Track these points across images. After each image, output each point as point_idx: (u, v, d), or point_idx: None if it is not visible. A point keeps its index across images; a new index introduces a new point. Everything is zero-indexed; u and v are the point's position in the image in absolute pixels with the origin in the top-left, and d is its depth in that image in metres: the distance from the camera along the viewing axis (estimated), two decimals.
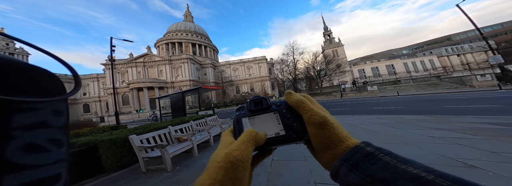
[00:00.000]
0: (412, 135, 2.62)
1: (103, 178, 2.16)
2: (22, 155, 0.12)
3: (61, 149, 0.15)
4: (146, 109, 31.25)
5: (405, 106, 7.11)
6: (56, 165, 0.14)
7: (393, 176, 0.13)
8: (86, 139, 2.51)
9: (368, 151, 0.15)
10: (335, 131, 0.17)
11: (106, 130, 5.50)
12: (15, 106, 0.12)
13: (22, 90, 0.13)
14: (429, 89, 17.37)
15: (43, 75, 0.14)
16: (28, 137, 0.13)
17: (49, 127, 0.14)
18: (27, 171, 0.12)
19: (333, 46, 47.20)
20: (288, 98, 0.22)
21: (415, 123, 3.45)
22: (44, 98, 0.14)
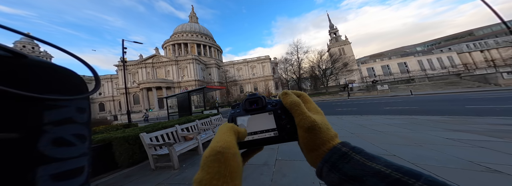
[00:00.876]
0: (427, 137, 2.46)
1: (116, 173, 2.29)
2: (52, 148, 0.13)
3: (84, 144, 0.16)
4: (155, 108, 32.65)
5: (419, 106, 6.68)
6: (80, 158, 0.15)
7: (361, 172, 0.14)
8: (102, 136, 2.68)
9: (343, 151, 0.17)
10: (321, 135, 0.18)
11: (119, 128, 5.84)
12: (45, 103, 0.13)
13: (51, 89, 0.14)
14: (448, 88, 16.13)
15: (68, 75, 0.16)
16: (57, 131, 0.14)
17: (75, 123, 0.15)
18: (56, 163, 0.14)
19: (339, 44, 45.39)
20: (283, 98, 0.22)
21: (431, 124, 3.23)
22: (70, 96, 0.15)
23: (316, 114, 0.21)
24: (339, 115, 5.84)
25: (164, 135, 2.73)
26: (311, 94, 25.35)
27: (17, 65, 0.13)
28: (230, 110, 0.24)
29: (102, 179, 2.11)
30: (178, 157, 2.29)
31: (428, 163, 1.65)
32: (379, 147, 2.25)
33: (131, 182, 2.01)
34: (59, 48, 0.17)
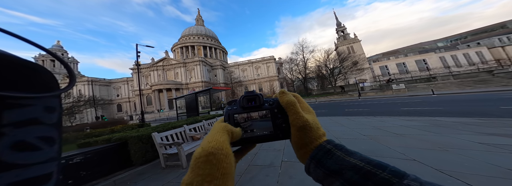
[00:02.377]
0: (454, 141, 2.21)
1: (131, 170, 2.43)
2: (11, 153, 0.12)
3: (52, 147, 0.15)
4: (166, 108, 34.38)
5: (443, 107, 6.02)
6: (47, 164, 0.14)
7: (340, 167, 0.16)
8: (119, 135, 2.89)
9: (327, 148, 0.18)
10: (311, 134, 0.19)
11: (134, 127, 6.26)
12: (5, 101, 0.12)
13: (12, 85, 0.12)
14: (477, 86, 14.37)
15: (35, 70, 0.14)
16: (18, 134, 0.13)
17: (41, 124, 0.14)
18: (16, 170, 0.12)
19: (348, 42, 43.30)
20: (280, 97, 0.22)
21: (459, 126, 2.88)
22: (36, 93, 0.13)
23: (308, 113, 0.22)
24: (349, 116, 5.53)
25: (173, 135, 2.85)
26: (318, 94, 24.58)
27: None
28: (227, 106, 0.24)
29: (119, 176, 2.25)
30: (186, 156, 2.36)
31: (455, 169, 1.47)
32: (395, 150, 2.07)
33: (144, 180, 2.12)
34: (25, 39, 0.14)
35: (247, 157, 2.40)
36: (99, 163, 2.32)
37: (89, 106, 21.49)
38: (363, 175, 0.15)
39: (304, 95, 26.31)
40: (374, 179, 0.14)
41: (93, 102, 22.78)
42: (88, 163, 2.20)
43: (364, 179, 0.14)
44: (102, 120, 21.41)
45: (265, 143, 1.19)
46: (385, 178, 0.14)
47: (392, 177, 0.14)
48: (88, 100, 20.38)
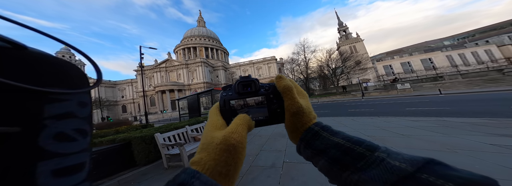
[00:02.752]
0: (463, 142, 2.13)
1: (135, 171, 2.46)
2: (53, 143, 0.13)
3: (85, 139, 0.16)
4: (168, 109, 34.81)
5: (451, 107, 5.83)
6: (81, 154, 0.15)
7: (325, 146, 0.18)
8: (123, 135, 2.95)
9: (315, 130, 0.19)
10: (303, 118, 0.20)
11: (138, 128, 6.36)
12: (47, 96, 0.13)
13: (51, 82, 0.14)
14: (487, 86, 13.84)
15: (69, 69, 0.15)
16: (58, 126, 0.14)
17: (76, 118, 0.15)
18: (57, 159, 0.13)
19: (350, 42, 42.79)
20: (278, 82, 0.23)
21: (468, 127, 2.78)
22: (72, 89, 0.15)
23: (302, 97, 0.23)
24: (352, 116, 5.43)
25: (175, 136, 2.87)
26: (320, 94, 24.32)
27: (16, 57, 0.12)
28: (222, 92, 0.24)
29: (123, 176, 2.29)
30: (188, 157, 2.36)
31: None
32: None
33: (147, 180, 2.14)
34: (50, 36, 0.15)
35: (249, 158, 2.38)
36: (104, 163, 2.36)
37: (95, 107, 22.01)
38: (343, 151, 0.16)
39: None
40: (352, 154, 0.16)
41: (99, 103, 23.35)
42: (94, 163, 2.25)
43: (344, 154, 0.16)
44: (107, 121, 21.90)
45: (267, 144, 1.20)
46: (361, 152, 0.16)
47: (366, 150, 0.16)
48: (95, 101, 20.93)
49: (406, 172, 0.13)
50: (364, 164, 0.15)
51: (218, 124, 0.20)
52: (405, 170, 0.13)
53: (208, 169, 0.15)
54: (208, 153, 0.16)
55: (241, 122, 0.19)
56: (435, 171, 0.12)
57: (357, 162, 0.15)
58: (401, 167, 0.13)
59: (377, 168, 0.14)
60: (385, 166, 0.14)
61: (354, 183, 0.15)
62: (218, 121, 0.20)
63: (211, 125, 0.20)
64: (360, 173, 0.15)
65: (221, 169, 0.15)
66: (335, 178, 0.16)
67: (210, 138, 0.18)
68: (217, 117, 0.21)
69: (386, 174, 0.13)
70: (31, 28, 0.14)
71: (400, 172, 0.13)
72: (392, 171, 0.13)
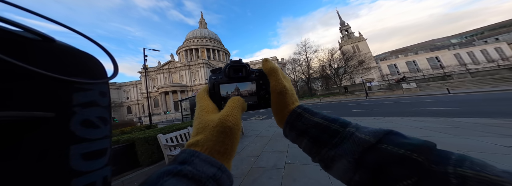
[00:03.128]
0: (475, 143, 2.04)
1: (138, 171, 2.50)
2: (81, 129, 0.14)
3: (107, 126, 0.17)
4: (172, 110, 35.30)
5: (460, 107, 5.62)
6: (104, 140, 0.16)
7: (306, 126, 0.19)
8: (127, 136, 2.99)
9: (298, 112, 0.20)
10: (287, 99, 0.22)
11: (142, 129, 6.45)
12: (74, 85, 0.14)
13: (77, 72, 0.15)
14: (499, 85, 13.26)
15: (90, 61, 0.16)
16: (84, 113, 0.15)
17: (98, 106, 0.16)
18: (85, 143, 0.14)
19: (352, 41, 42.22)
20: (264, 64, 0.24)
21: (480, 128, 2.66)
22: (95, 80, 0.16)
23: (286, 81, 0.24)
24: (356, 117, 5.32)
25: (177, 136, 2.89)
26: (322, 94, 23.99)
27: (46, 49, 0.13)
28: (211, 75, 0.23)
29: (127, 176, 2.32)
30: None
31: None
32: None
33: None
34: (70, 28, 0.16)
35: (250, 159, 2.36)
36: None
37: None
38: (321, 129, 0.18)
39: (308, 95, 25.80)
40: (328, 131, 0.17)
41: None
42: None
43: (322, 132, 0.18)
44: (113, 122, 22.37)
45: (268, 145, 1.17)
46: (336, 128, 0.17)
47: (340, 127, 0.17)
48: None
49: (369, 143, 0.14)
50: (338, 140, 0.16)
51: (210, 108, 0.20)
52: (369, 142, 0.14)
53: (206, 148, 0.16)
54: (205, 135, 0.17)
55: (236, 105, 0.20)
56: (392, 140, 0.14)
57: (332, 138, 0.17)
58: (366, 139, 0.15)
59: (347, 142, 0.15)
60: (353, 139, 0.15)
61: (330, 158, 0.16)
62: (209, 105, 0.21)
63: (202, 110, 0.20)
64: (335, 148, 0.16)
65: (219, 148, 0.16)
66: (315, 156, 0.18)
67: (204, 121, 0.18)
68: (207, 101, 0.21)
69: (354, 146, 0.15)
70: (56, 21, 0.15)
71: (364, 143, 0.14)
72: (358, 143, 0.15)
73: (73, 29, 0.16)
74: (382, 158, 0.13)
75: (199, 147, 0.16)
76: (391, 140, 0.14)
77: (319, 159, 0.17)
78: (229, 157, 0.17)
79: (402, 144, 0.13)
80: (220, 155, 0.16)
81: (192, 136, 0.18)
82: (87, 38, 0.17)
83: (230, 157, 0.17)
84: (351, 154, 0.14)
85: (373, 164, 0.13)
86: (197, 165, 0.14)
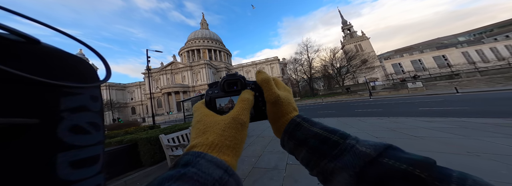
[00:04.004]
0: (486, 144, 1.95)
1: (141, 171, 2.52)
2: (70, 135, 0.13)
3: (99, 132, 0.16)
4: (174, 111, 35.77)
5: (470, 106, 5.41)
6: (96, 146, 0.16)
7: (306, 136, 0.19)
8: (130, 136, 3.04)
9: (298, 121, 0.21)
10: (282, 108, 0.22)
11: (146, 129, 6.56)
12: (62, 90, 0.13)
13: (65, 76, 0.14)
14: (510, 83, 12.72)
15: (80, 63, 0.16)
16: (74, 119, 0.14)
17: (89, 111, 0.15)
18: (74, 150, 0.14)
19: (355, 40, 41.57)
20: (257, 75, 0.24)
21: (491, 128, 2.54)
22: (84, 84, 0.15)
23: (284, 91, 0.24)
24: (359, 117, 5.20)
25: (179, 137, 2.91)
26: (324, 94, 23.71)
27: (30, 51, 0.12)
28: (208, 89, 0.24)
29: (129, 176, 2.35)
30: None
31: (491, 177, 1.28)
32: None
33: None
34: (58, 30, 0.16)
35: (251, 160, 2.35)
36: (112, 163, 2.44)
37: (107, 109, 23.19)
38: (321, 140, 0.18)
39: (310, 95, 25.56)
40: (328, 143, 0.17)
41: (110, 105, 24.56)
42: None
43: (322, 143, 0.17)
44: (118, 122, 22.87)
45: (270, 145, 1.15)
46: (335, 140, 0.17)
47: (340, 139, 0.17)
48: (107, 103, 22.04)
49: (370, 156, 0.14)
50: (338, 152, 0.16)
51: (211, 113, 0.21)
52: (370, 155, 0.14)
53: (216, 144, 0.16)
54: (214, 132, 0.17)
55: (246, 106, 0.20)
56: (393, 155, 0.14)
57: (332, 150, 0.16)
58: (367, 152, 0.15)
59: (348, 155, 0.15)
60: (354, 152, 0.15)
61: (330, 171, 0.15)
62: (209, 112, 0.21)
63: (204, 115, 0.20)
64: (335, 161, 0.15)
65: (229, 143, 0.17)
66: (314, 168, 0.17)
67: (212, 121, 0.19)
68: (206, 109, 0.22)
69: (355, 159, 0.14)
70: (41, 22, 0.14)
71: (366, 157, 0.14)
72: (359, 156, 0.15)
73: (59, 30, 0.15)
74: (385, 173, 0.13)
75: (206, 146, 0.16)
76: (392, 154, 0.14)
77: (318, 172, 0.17)
78: (237, 153, 0.17)
79: (403, 159, 0.13)
80: (230, 150, 0.16)
81: (194, 137, 0.18)
82: (76, 41, 0.16)
83: (238, 154, 0.18)
84: (352, 167, 0.14)
85: (374, 179, 0.13)
86: (202, 166, 0.13)
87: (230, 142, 0.17)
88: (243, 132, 0.18)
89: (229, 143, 0.17)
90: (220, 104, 0.23)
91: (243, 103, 0.21)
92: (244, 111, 0.20)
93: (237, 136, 0.17)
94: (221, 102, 0.23)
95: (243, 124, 0.18)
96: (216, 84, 0.24)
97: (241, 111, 0.19)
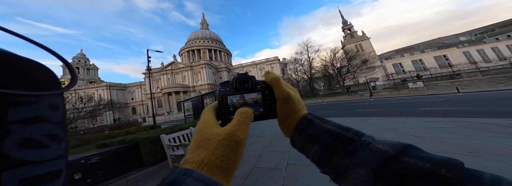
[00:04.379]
0: (487, 145, 1.95)
1: (142, 171, 2.54)
2: (20, 150, 0.12)
3: (59, 145, 0.15)
4: (175, 111, 35.86)
5: (471, 106, 5.40)
6: (56, 161, 0.14)
7: (318, 132, 0.19)
8: (132, 136, 3.06)
9: (309, 118, 0.21)
10: (293, 105, 0.22)
11: (146, 129, 6.60)
12: (10, 99, 0.12)
13: (16, 83, 0.13)
14: (511, 83, 12.63)
15: (37, 69, 0.14)
16: (26, 131, 0.13)
17: (47, 122, 0.14)
18: (25, 167, 0.12)
19: (355, 40, 41.46)
20: (266, 76, 0.25)
21: (492, 128, 2.54)
22: (39, 91, 0.14)
23: (292, 90, 0.24)
24: (360, 117, 5.20)
25: (180, 137, 2.93)
26: (325, 94, 23.70)
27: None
28: (220, 87, 0.25)
29: (131, 176, 2.36)
30: None
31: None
32: None
33: (153, 180, 2.19)
34: (23, 37, 0.14)
35: (252, 159, 2.35)
36: (114, 163, 2.46)
37: (108, 109, 23.30)
38: (334, 137, 0.18)
39: (310, 95, 25.53)
40: (342, 139, 0.17)
41: (111, 105, 24.67)
42: (105, 163, 2.34)
43: (335, 140, 0.17)
44: (118, 122, 22.96)
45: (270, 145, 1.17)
46: (350, 137, 0.17)
47: (354, 135, 0.17)
48: (107, 103, 22.16)
49: (389, 154, 0.14)
50: (353, 148, 0.16)
51: (212, 122, 0.20)
52: (388, 153, 0.14)
53: (206, 163, 0.15)
54: (206, 148, 0.16)
55: (244, 120, 0.19)
56: (414, 154, 0.14)
57: (347, 146, 0.16)
58: (384, 149, 0.14)
59: (364, 151, 0.15)
60: (371, 148, 0.15)
61: (344, 167, 0.15)
62: (212, 120, 0.20)
63: (205, 123, 0.20)
64: (350, 157, 0.15)
65: (220, 162, 0.15)
66: (326, 164, 0.17)
67: (208, 135, 0.17)
68: (210, 116, 0.21)
69: (372, 156, 0.14)
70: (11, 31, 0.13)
71: (384, 154, 0.14)
72: (377, 153, 0.14)
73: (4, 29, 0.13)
74: (405, 171, 0.12)
75: (196, 163, 0.15)
76: (412, 153, 0.14)
77: (330, 168, 0.17)
78: (229, 174, 0.16)
79: (426, 158, 0.13)
80: (220, 171, 0.15)
81: (190, 150, 0.17)
82: (27, 40, 0.14)
83: (230, 174, 0.16)
84: (369, 164, 0.14)
85: (394, 177, 0.13)
86: (188, 185, 0.12)
87: (221, 162, 0.16)
88: (237, 151, 0.17)
89: (220, 163, 0.15)
90: (231, 100, 0.23)
91: (242, 115, 0.20)
92: (242, 125, 0.18)
93: (230, 156, 0.16)
94: (232, 98, 0.23)
95: (239, 142, 0.17)
96: (227, 83, 0.25)
97: (239, 126, 0.18)
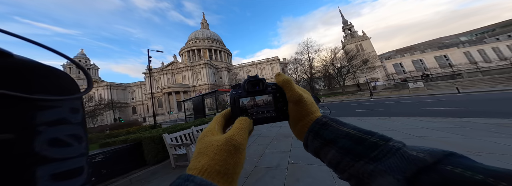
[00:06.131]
0: (487, 144, 1.97)
1: (145, 170, 2.57)
2: (48, 149, 0.14)
3: (81, 144, 0.16)
4: (175, 110, 35.91)
5: (471, 106, 5.41)
6: (79, 158, 0.16)
7: (335, 136, 0.18)
8: (134, 136, 3.09)
9: (324, 121, 0.20)
10: (306, 107, 0.21)
11: (147, 128, 6.63)
12: (38, 103, 0.13)
13: (41, 89, 0.14)
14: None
15: (59, 76, 0.16)
16: (52, 132, 0.14)
17: (69, 123, 0.15)
18: (55, 163, 0.14)
19: (356, 40, 41.37)
20: (277, 77, 0.25)
21: (492, 128, 2.56)
22: (62, 96, 0.15)
23: (304, 93, 0.24)
24: (360, 117, 5.23)
25: (182, 136, 2.96)
26: (325, 94, 23.77)
27: (2, 65, 0.13)
28: (232, 90, 0.25)
29: (134, 175, 2.40)
30: None
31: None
32: None
33: (156, 179, 2.22)
34: (44, 46, 0.16)
35: (253, 159, 2.38)
36: (118, 162, 2.49)
37: (108, 108, 23.27)
38: (355, 141, 0.16)
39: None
40: (364, 144, 0.15)
41: (111, 105, 24.68)
42: (108, 161, 2.37)
43: (356, 144, 0.16)
44: (119, 122, 23.01)
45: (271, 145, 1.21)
46: (374, 141, 0.15)
47: (379, 140, 0.15)
48: (108, 103, 22.13)
49: (426, 162, 0.12)
50: (378, 154, 0.14)
51: (215, 130, 0.20)
52: (425, 161, 0.12)
53: (206, 169, 0.15)
54: (206, 155, 0.16)
55: (243, 125, 0.20)
56: (461, 163, 0.12)
57: (370, 151, 0.15)
58: (419, 156, 0.13)
59: (392, 157, 0.13)
60: (402, 155, 0.13)
61: (368, 173, 0.14)
62: (214, 129, 0.21)
63: (207, 132, 0.20)
64: (375, 163, 0.14)
65: (219, 168, 0.15)
66: (346, 170, 0.16)
67: (208, 142, 0.18)
68: (214, 125, 0.21)
69: (404, 163, 0.13)
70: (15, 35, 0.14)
71: (419, 162, 0.12)
72: (410, 161, 0.13)
73: (28, 40, 0.15)
74: (450, 182, 0.11)
75: (197, 169, 0.15)
76: (457, 162, 0.12)
77: (350, 174, 0.15)
78: (229, 179, 0.16)
79: (479, 169, 0.11)
80: (220, 176, 0.15)
81: (193, 158, 0.17)
82: (53, 51, 0.16)
83: (230, 180, 0.16)
84: (401, 172, 0.12)
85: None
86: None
87: (220, 167, 0.16)
88: (237, 156, 0.17)
89: (219, 168, 0.15)
90: (242, 101, 0.24)
91: (240, 122, 0.20)
92: (241, 131, 0.19)
93: (228, 160, 0.16)
94: (244, 100, 0.24)
95: (237, 146, 0.17)
96: (239, 86, 0.25)
97: (237, 131, 0.19)
